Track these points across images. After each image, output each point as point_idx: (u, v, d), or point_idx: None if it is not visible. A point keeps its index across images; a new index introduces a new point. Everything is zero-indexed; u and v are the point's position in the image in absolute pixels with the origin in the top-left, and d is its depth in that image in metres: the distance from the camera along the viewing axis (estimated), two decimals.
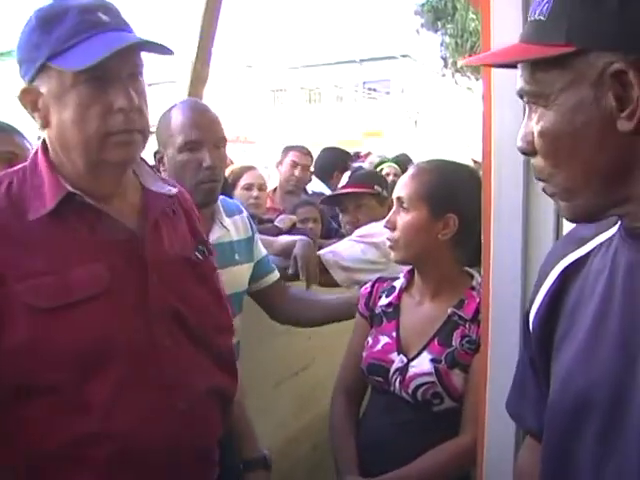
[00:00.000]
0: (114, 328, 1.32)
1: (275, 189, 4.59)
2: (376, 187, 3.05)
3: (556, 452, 0.99)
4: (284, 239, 2.68)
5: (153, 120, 1.46)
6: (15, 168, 1.40)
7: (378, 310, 2.02)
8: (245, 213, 2.34)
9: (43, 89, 1.30)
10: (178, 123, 2.07)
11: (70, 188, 1.32)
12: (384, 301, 2.01)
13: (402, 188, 1.93)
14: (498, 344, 1.56)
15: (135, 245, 1.38)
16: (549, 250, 1.16)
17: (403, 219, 1.91)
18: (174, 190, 1.50)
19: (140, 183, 1.48)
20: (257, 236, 2.36)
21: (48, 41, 1.27)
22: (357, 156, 6.56)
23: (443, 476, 1.81)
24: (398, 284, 2.03)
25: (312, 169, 4.67)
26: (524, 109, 1.49)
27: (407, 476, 1.79)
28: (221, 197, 2.22)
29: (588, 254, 1.03)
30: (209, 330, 1.50)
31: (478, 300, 1.83)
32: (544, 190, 0.97)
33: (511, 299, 1.53)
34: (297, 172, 4.44)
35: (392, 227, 1.93)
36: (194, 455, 1.43)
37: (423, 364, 1.84)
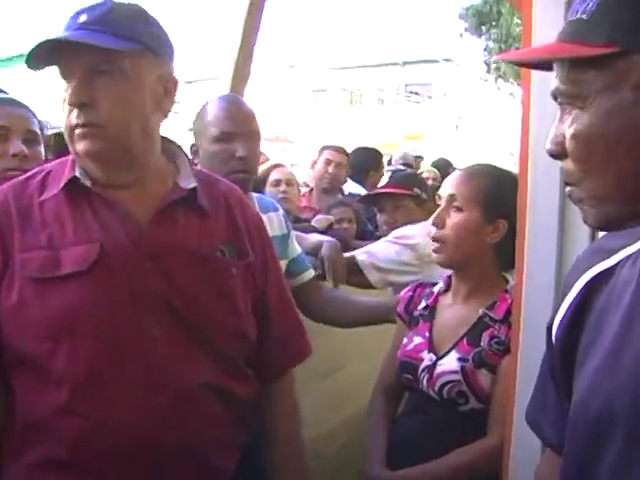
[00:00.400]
0: (90, 303, 1.35)
1: (311, 189, 4.59)
2: (415, 189, 2.99)
3: (577, 465, 0.97)
4: (314, 238, 2.69)
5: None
6: (63, 159, 1.49)
7: (416, 313, 2.03)
8: (281, 211, 2.36)
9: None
10: (212, 115, 2.13)
11: (77, 173, 1.41)
12: (422, 304, 2.02)
13: (456, 186, 1.92)
14: (529, 347, 1.56)
15: (134, 231, 1.41)
16: (575, 260, 1.13)
17: (455, 218, 1.90)
18: (192, 184, 1.49)
19: (177, 173, 1.52)
20: (292, 234, 2.38)
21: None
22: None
23: (467, 476, 1.80)
24: (437, 289, 2.04)
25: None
26: None
27: (429, 472, 1.80)
28: (256, 194, 2.25)
29: (615, 266, 0.99)
30: (211, 329, 1.47)
31: (510, 301, 1.83)
32: (569, 195, 0.94)
33: (544, 302, 1.52)
34: (331, 169, 4.42)
35: (441, 225, 1.92)
36: (181, 454, 1.40)
37: (450, 362, 1.84)
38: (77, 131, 1.37)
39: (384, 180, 4.54)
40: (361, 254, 2.66)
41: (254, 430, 1.60)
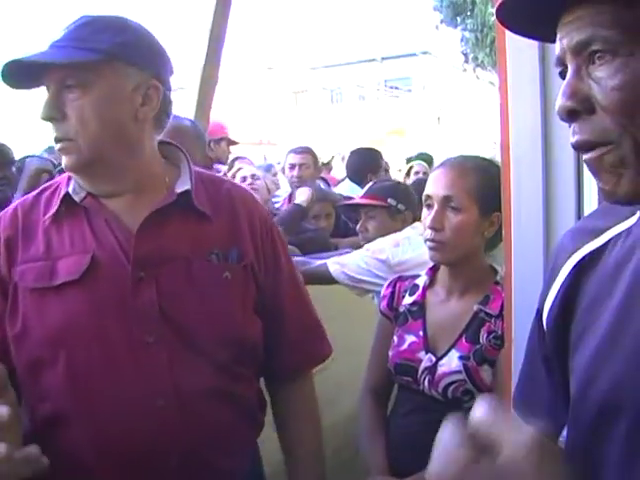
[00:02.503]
0: (82, 312, 1.38)
1: (290, 195, 4.63)
2: (390, 200, 3.01)
3: (581, 454, 0.94)
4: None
5: None
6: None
7: (402, 309, 2.00)
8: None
9: None
10: None
11: (69, 190, 1.45)
12: (408, 300, 2.00)
13: (450, 187, 1.87)
14: (522, 339, 1.54)
15: (125, 240, 1.42)
16: (557, 244, 1.10)
17: (453, 220, 1.86)
18: (184, 187, 1.48)
19: (178, 178, 1.52)
20: None
21: None
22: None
23: None
24: (421, 282, 2.01)
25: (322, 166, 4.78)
26: (541, 98, 1.49)
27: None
28: None
29: (604, 246, 0.95)
30: (204, 335, 1.45)
31: (503, 295, 1.81)
32: (599, 158, 0.83)
33: (533, 294, 1.50)
34: (295, 172, 4.53)
35: (440, 228, 1.87)
36: (186, 459, 1.41)
37: (452, 362, 1.83)
38: (58, 145, 1.41)
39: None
40: (333, 264, 2.69)
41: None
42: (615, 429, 0.86)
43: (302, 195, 3.84)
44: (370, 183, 3.24)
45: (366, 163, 5.00)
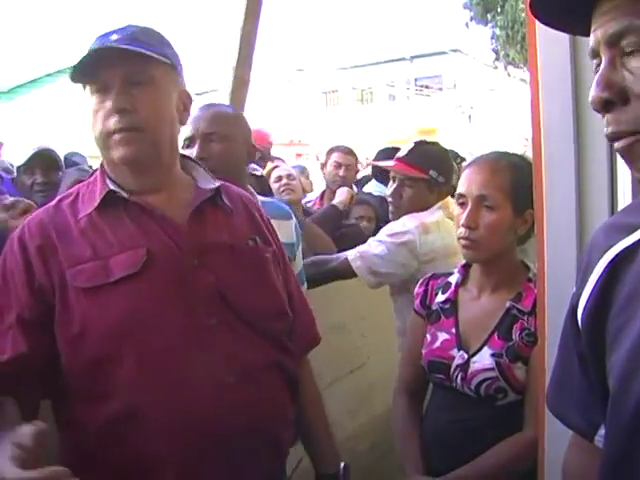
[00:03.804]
0: (145, 303, 1.44)
1: (324, 192, 4.65)
2: (431, 172, 2.71)
3: (621, 451, 0.93)
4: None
5: None
6: (86, 181, 1.61)
7: (435, 307, 2.00)
8: (294, 221, 2.43)
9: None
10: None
11: (112, 186, 1.50)
12: (441, 298, 2.00)
13: (484, 186, 1.86)
14: (555, 336, 1.53)
15: (174, 233, 1.50)
16: (590, 241, 1.09)
17: (488, 219, 1.85)
18: (216, 184, 1.62)
19: (194, 181, 1.64)
20: (300, 248, 2.46)
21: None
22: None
23: (507, 473, 1.78)
24: (453, 279, 2.01)
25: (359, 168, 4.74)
26: (572, 94, 1.47)
27: (469, 475, 1.77)
28: (265, 199, 2.31)
29: (638, 242, 0.95)
30: (259, 314, 1.57)
31: (536, 292, 1.80)
32: (625, 149, 0.85)
33: (567, 291, 1.49)
34: (341, 172, 4.50)
35: (475, 227, 1.87)
36: (257, 433, 1.48)
37: (484, 359, 1.82)
38: (115, 137, 1.46)
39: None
40: (355, 259, 2.57)
41: None
42: None
43: (341, 196, 3.84)
44: (411, 144, 2.82)
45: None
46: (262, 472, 1.53)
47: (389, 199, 2.83)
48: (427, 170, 2.71)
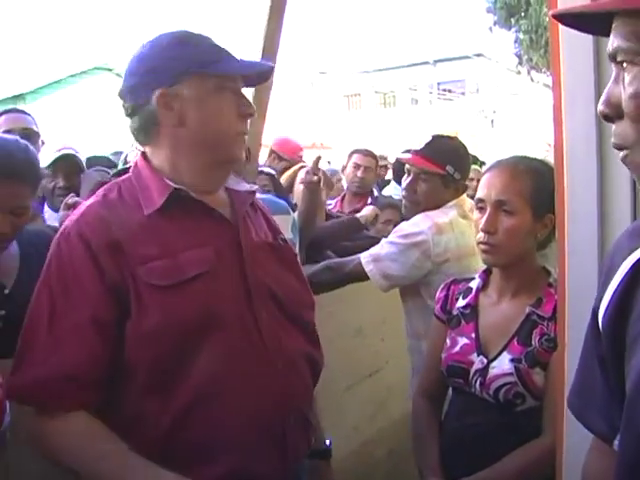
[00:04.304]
0: (218, 301, 1.48)
1: (344, 196, 4.65)
2: (448, 168, 2.64)
3: (635, 457, 0.93)
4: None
5: None
6: (121, 178, 1.61)
7: (455, 312, 2.00)
8: (292, 215, 2.53)
9: (185, 92, 1.49)
10: None
11: (175, 185, 1.50)
12: (461, 303, 2.00)
13: (503, 191, 1.86)
14: (575, 342, 1.52)
15: (232, 232, 1.56)
16: (614, 244, 1.10)
17: (507, 223, 1.86)
18: (255, 187, 1.73)
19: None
20: (296, 243, 2.52)
21: (192, 54, 1.49)
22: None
23: (526, 478, 1.77)
24: (474, 285, 2.01)
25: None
26: (595, 99, 1.47)
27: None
28: (265, 196, 2.36)
29: None
30: (297, 306, 1.65)
31: (556, 298, 1.79)
32: (624, 160, 0.89)
33: (587, 296, 1.48)
34: (360, 173, 4.51)
35: (494, 232, 1.87)
36: (297, 415, 1.56)
37: (503, 365, 1.82)
38: (241, 138, 1.57)
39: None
40: (368, 262, 2.53)
41: None
42: None
43: (366, 211, 3.84)
44: (429, 137, 2.75)
45: None
46: (302, 451, 1.61)
47: (403, 193, 2.77)
48: (444, 165, 2.64)
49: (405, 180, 2.73)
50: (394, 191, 4.92)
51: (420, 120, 24.37)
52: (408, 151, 2.85)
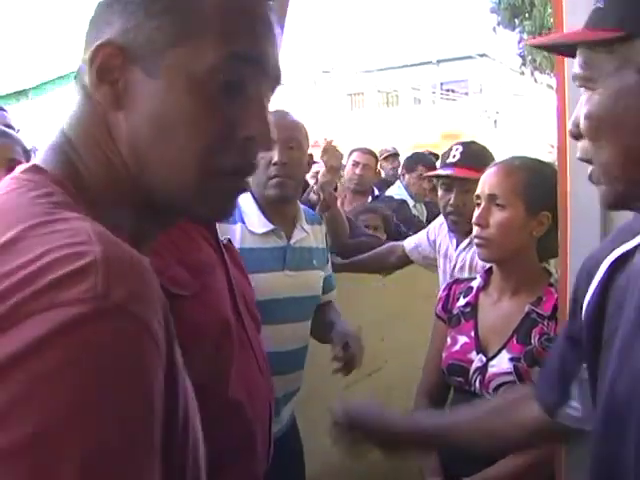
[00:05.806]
0: (226, 310, 1.50)
1: (345, 195, 4.63)
2: None
3: (605, 449, 0.96)
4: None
5: None
6: None
7: (456, 311, 2.01)
8: (324, 226, 2.48)
9: None
10: None
11: None
12: (462, 302, 2.01)
13: (495, 186, 1.90)
14: None
15: (214, 240, 1.58)
16: (605, 240, 1.15)
17: (498, 217, 1.88)
18: None
19: None
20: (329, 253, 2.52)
21: None
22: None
23: (533, 473, 1.77)
24: (475, 284, 2.02)
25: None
26: None
27: (497, 476, 1.77)
28: (303, 207, 2.35)
29: (634, 249, 0.99)
30: (254, 305, 1.66)
31: (556, 297, 1.81)
32: (590, 177, 0.96)
33: None
34: (358, 170, 4.52)
35: (485, 225, 1.90)
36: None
37: (502, 363, 1.83)
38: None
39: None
40: (413, 250, 2.79)
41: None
42: (630, 429, 0.89)
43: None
44: (458, 148, 2.63)
45: (419, 166, 4.98)
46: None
47: (449, 209, 2.60)
48: (483, 170, 2.42)
49: (445, 196, 2.61)
50: (397, 191, 4.90)
51: (423, 120, 24.37)
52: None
